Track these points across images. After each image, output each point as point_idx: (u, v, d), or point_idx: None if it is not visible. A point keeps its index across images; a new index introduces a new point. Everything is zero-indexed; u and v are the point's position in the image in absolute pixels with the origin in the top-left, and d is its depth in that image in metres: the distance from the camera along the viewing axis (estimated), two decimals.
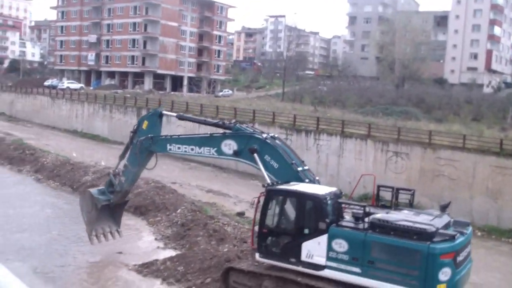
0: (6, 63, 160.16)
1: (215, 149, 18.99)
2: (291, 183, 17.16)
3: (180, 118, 22.55)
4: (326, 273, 15.54)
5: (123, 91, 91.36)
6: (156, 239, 25.10)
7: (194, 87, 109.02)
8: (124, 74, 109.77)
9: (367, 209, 15.70)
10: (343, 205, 16.07)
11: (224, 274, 18.04)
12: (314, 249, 15.71)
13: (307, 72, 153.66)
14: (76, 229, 25.59)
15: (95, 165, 38.01)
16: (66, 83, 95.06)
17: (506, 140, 36.65)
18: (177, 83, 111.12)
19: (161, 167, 45.52)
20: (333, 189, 17.06)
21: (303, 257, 15.89)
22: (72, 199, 31.91)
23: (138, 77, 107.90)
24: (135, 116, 60.81)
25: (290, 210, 16.79)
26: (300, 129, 46.17)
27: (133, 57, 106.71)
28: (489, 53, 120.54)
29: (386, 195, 17.77)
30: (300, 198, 16.25)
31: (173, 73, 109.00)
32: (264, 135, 18.46)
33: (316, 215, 15.90)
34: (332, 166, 42.91)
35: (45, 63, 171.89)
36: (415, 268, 14.33)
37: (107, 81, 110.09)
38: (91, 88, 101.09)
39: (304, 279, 15.89)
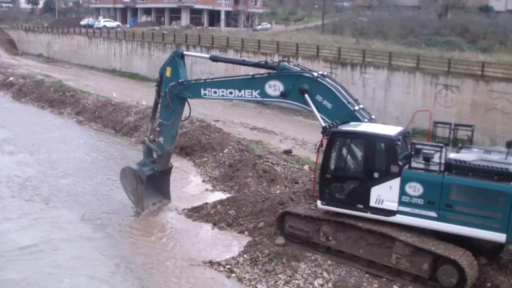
0: (41, 4, 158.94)
1: (258, 91, 17.29)
2: (352, 123, 15.72)
3: (214, 59, 20.06)
4: (398, 218, 14.49)
5: (160, 27, 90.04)
6: (204, 181, 24.11)
7: (232, 21, 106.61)
8: (160, 10, 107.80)
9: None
10: (417, 146, 14.52)
11: (280, 218, 16.99)
12: (385, 194, 14.55)
13: (346, 3, 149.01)
14: None
15: (137, 105, 36.93)
16: (102, 22, 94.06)
17: None
18: (214, 18, 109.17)
19: (203, 105, 45.03)
20: (401, 128, 15.62)
21: (372, 203, 14.75)
22: (116, 141, 31.31)
23: (175, 13, 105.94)
24: None
25: (358, 153, 15.45)
26: (345, 62, 44.49)
27: None
28: None
29: (442, 131, 16.56)
30: (370, 139, 14.85)
31: (210, 7, 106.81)
32: (315, 74, 16.70)
33: (387, 158, 14.59)
34: (379, 101, 41.36)
35: (80, 2, 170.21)
36: (498, 210, 13.26)
37: (143, 18, 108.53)
38: (128, 26, 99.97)
39: (365, 224, 14.88)
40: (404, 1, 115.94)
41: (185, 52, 19.72)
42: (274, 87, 16.95)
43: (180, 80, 18.65)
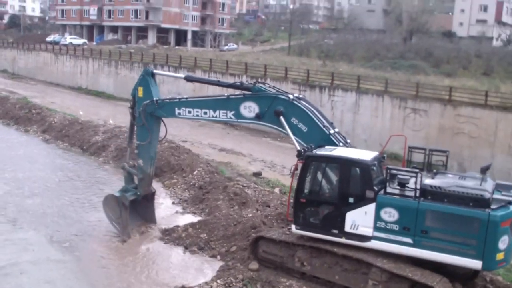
0: (5, 19, 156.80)
1: (233, 112, 17.10)
2: (327, 147, 15.67)
3: (188, 79, 19.89)
4: (373, 244, 14.40)
5: (126, 46, 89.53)
6: (173, 203, 23.83)
7: (199, 41, 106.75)
8: (127, 29, 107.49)
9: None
10: (392, 171, 14.52)
11: (253, 243, 16.78)
12: (360, 219, 14.46)
13: (311, 25, 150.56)
14: (89, 193, 24.56)
15: (104, 124, 36.49)
16: (68, 39, 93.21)
17: None
18: (181, 37, 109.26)
19: (170, 125, 44.18)
20: (375, 153, 15.63)
21: (347, 228, 14.64)
22: (83, 160, 30.77)
23: (142, 32, 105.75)
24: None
25: (333, 177, 15.37)
26: (314, 84, 44.65)
27: (136, 11, 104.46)
28: (499, 5, 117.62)
29: (416, 156, 16.46)
30: (345, 164, 14.78)
31: (177, 27, 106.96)
32: (290, 96, 16.59)
33: (362, 183, 14.52)
34: (347, 123, 41.58)
35: (46, 18, 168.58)
36: (474, 237, 13.30)
37: (110, 36, 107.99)
38: (94, 43, 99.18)
39: (340, 249, 14.73)
40: (369, 25, 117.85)
41: (155, 71, 19.44)
42: (249, 109, 16.82)
43: (154, 99, 18.38)
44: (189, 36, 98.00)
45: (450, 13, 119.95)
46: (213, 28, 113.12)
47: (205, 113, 17.66)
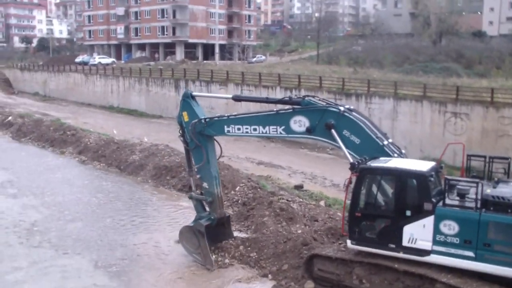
0: (34, 42, 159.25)
1: (283, 127, 16.59)
2: (381, 158, 15.05)
3: (237, 99, 19.54)
4: (433, 258, 13.71)
5: (155, 63, 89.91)
6: None
7: (227, 54, 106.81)
8: (154, 46, 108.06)
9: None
10: (451, 182, 13.85)
11: (307, 261, 16.15)
12: (418, 233, 13.80)
13: (338, 33, 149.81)
14: (130, 214, 24.16)
15: (140, 143, 36.21)
16: (97, 59, 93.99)
17: None
18: (208, 51, 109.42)
19: None
20: (433, 163, 14.94)
21: (405, 242, 13.98)
22: (122, 180, 30.45)
23: (169, 48, 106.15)
24: (173, 88, 59.35)
25: (388, 190, 14.70)
26: (350, 93, 43.98)
27: (163, 27, 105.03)
28: None
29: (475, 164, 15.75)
30: (401, 176, 14.11)
31: (204, 41, 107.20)
32: (341, 108, 16.05)
33: (420, 195, 13.86)
34: (386, 131, 39.44)
35: (74, 39, 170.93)
36: None
37: (137, 54, 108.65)
38: (122, 62, 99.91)
39: (401, 265, 14.04)
40: (397, 29, 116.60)
41: (194, 93, 19.19)
42: (300, 123, 16.31)
43: (201, 118, 18.05)
44: (217, 49, 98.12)
45: (479, 13, 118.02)
46: (240, 41, 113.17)
47: (255, 129, 17.21)
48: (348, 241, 14.95)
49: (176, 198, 26.84)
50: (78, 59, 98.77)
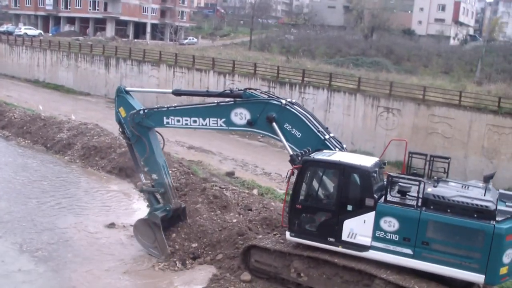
0: None
1: (224, 119, 16.28)
2: (325, 151, 14.95)
3: (177, 93, 18.65)
4: (371, 254, 13.76)
5: (84, 38, 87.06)
6: (148, 205, 22.56)
7: (159, 34, 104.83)
8: (85, 20, 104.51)
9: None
10: (394, 179, 13.87)
11: (244, 252, 15.86)
12: (358, 228, 13.82)
13: (270, 20, 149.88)
14: (57, 196, 23.12)
15: (69, 121, 34.86)
16: (23, 29, 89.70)
17: (504, 98, 35.32)
18: (139, 30, 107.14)
19: None
20: (376, 159, 14.94)
21: (344, 237, 13.97)
22: (48, 159, 29.23)
23: (100, 24, 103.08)
24: (103, 65, 57.68)
25: (331, 184, 14.61)
26: (284, 81, 43.88)
27: (94, 2, 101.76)
28: (457, 5, 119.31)
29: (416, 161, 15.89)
30: (345, 170, 14.00)
31: (136, 19, 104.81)
32: (283, 101, 15.88)
33: (362, 190, 13.82)
34: None
35: None
36: (477, 250, 12.78)
37: (66, 28, 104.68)
38: (50, 34, 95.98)
39: (341, 260, 13.99)
40: (330, 21, 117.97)
41: (128, 88, 18.61)
42: (241, 115, 16.05)
43: (140, 109, 17.45)
44: (148, 29, 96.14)
45: (409, 12, 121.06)
46: (173, 21, 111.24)
47: (195, 121, 16.77)
48: (287, 233, 14.76)
49: (105, 180, 26.00)
50: (2, 28, 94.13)
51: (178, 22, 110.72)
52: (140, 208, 22.17)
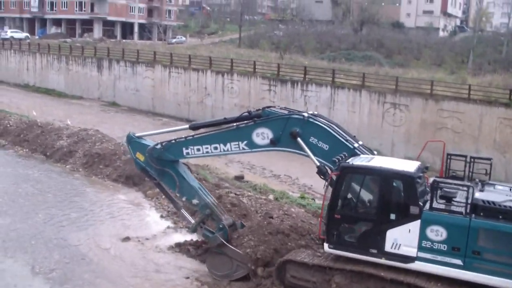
0: None
1: (245, 142, 15.29)
2: (363, 156, 14.14)
3: (194, 128, 17.27)
4: (417, 265, 12.86)
5: (71, 40, 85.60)
6: (162, 216, 21.53)
7: (147, 34, 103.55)
8: (71, 22, 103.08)
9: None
10: (440, 184, 12.95)
11: (279, 267, 14.80)
12: (403, 238, 12.92)
13: (256, 17, 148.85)
14: (64, 208, 21.91)
15: (67, 127, 33.62)
16: (9, 32, 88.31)
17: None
18: (127, 30, 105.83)
19: (132, 124, 42.14)
20: (417, 163, 14.00)
21: (388, 248, 13.07)
22: (48, 168, 27.97)
23: (87, 25, 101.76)
24: (95, 67, 56.48)
25: (371, 191, 13.70)
26: (285, 79, 42.90)
27: (81, 2, 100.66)
28: None
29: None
30: (387, 176, 13.12)
31: (123, 19, 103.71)
32: (305, 114, 14.99)
33: (406, 197, 12.92)
34: None
35: None
36: None
37: (53, 30, 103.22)
38: (37, 37, 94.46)
39: (387, 273, 13.04)
40: (318, 16, 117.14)
41: (138, 134, 17.61)
42: (263, 135, 15.08)
43: (157, 143, 16.45)
44: (136, 28, 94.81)
45: (397, 4, 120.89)
46: (160, 20, 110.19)
47: (216, 148, 15.76)
48: (325, 245, 13.84)
49: (112, 190, 24.83)
50: None
51: (166, 21, 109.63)
52: (153, 219, 21.11)
